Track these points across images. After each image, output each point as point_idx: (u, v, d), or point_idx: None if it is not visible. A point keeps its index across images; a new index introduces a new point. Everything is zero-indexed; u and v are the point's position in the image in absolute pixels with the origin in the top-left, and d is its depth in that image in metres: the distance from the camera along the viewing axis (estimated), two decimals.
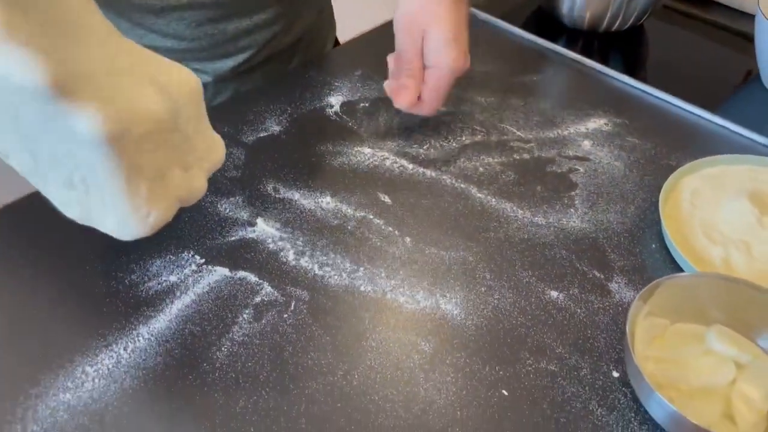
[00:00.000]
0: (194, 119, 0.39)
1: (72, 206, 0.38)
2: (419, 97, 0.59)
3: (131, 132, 0.34)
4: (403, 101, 0.59)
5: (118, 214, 0.37)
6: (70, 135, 0.33)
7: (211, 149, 0.41)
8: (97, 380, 0.44)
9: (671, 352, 0.42)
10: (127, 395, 0.43)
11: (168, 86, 0.36)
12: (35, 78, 0.31)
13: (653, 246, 0.53)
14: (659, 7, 0.78)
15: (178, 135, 0.38)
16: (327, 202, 0.56)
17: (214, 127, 0.42)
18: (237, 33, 0.70)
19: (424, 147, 0.62)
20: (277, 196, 0.57)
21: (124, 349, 0.45)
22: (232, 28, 0.69)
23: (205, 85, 0.70)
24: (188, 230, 0.53)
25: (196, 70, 0.68)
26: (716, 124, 0.66)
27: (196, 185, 0.40)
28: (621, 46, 0.78)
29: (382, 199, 0.57)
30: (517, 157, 0.61)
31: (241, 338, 0.46)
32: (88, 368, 0.44)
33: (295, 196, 0.57)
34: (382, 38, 0.77)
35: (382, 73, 0.61)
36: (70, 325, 0.47)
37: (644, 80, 0.70)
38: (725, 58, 0.75)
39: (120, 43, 0.35)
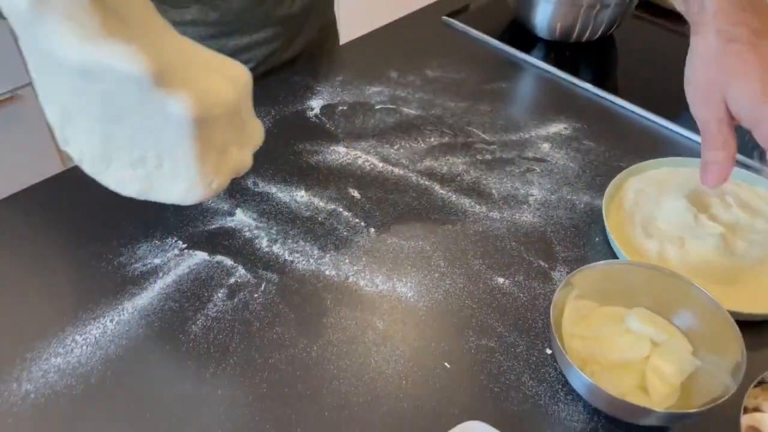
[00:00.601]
0: (246, 106, 0.46)
1: (131, 184, 0.44)
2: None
3: (210, 114, 0.41)
4: (711, 180, 0.50)
5: (188, 182, 0.43)
6: (160, 116, 0.39)
7: (255, 132, 0.48)
8: (85, 347, 0.49)
9: (595, 330, 0.47)
10: (110, 361, 0.48)
11: (230, 77, 0.43)
12: (140, 68, 0.37)
13: (596, 239, 0.58)
14: (628, 18, 0.83)
15: (238, 118, 0.44)
16: (301, 195, 0.61)
17: None
18: (236, 49, 0.75)
19: (395, 147, 0.67)
20: (255, 189, 0.62)
21: (110, 321, 0.51)
22: (231, 44, 0.74)
23: None
24: (173, 218, 0.59)
25: None
26: (671, 130, 0.70)
27: (246, 161, 0.47)
28: (591, 55, 0.83)
29: (352, 193, 0.62)
30: (480, 158, 0.66)
31: (215, 314, 0.51)
32: (77, 337, 0.50)
33: (273, 189, 0.62)
34: (362, 47, 0.83)
35: (362, 79, 0.66)
36: (63, 299, 0.52)
37: (609, 88, 0.75)
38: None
39: (181, 39, 0.42)
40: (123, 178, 0.44)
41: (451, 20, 0.86)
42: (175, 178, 0.43)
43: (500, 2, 0.88)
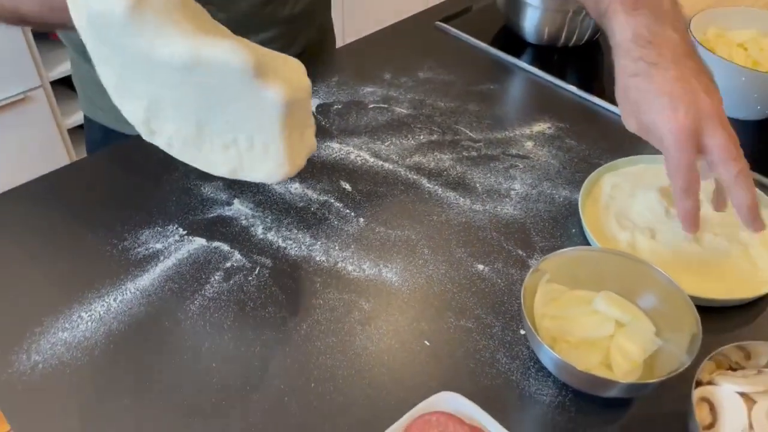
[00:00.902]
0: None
1: (222, 165, 0.49)
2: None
3: (295, 98, 0.46)
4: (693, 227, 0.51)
5: (276, 161, 0.48)
6: (256, 102, 0.44)
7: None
8: (90, 323, 0.53)
9: (564, 311, 0.50)
10: (113, 336, 0.52)
11: (292, 67, 0.49)
12: (245, 61, 0.42)
13: (573, 231, 0.61)
14: None
15: (308, 103, 0.50)
16: (295, 187, 0.65)
17: None
18: None
19: (386, 144, 0.71)
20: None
21: (114, 300, 0.54)
22: None
23: None
24: (175, 207, 0.62)
25: None
26: None
27: (314, 142, 0.52)
28: (577, 59, 0.86)
29: (344, 186, 0.65)
30: (466, 155, 0.70)
31: (212, 295, 0.55)
32: (83, 314, 0.53)
33: None
34: (358, 50, 0.86)
35: (356, 79, 0.70)
36: (70, 280, 0.56)
37: (592, 90, 0.79)
38: None
39: (241, 38, 0.47)
40: (214, 160, 0.48)
41: (444, 25, 0.90)
42: (265, 158, 0.48)
43: (491, 9, 0.92)
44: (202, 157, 0.48)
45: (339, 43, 0.97)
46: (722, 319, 0.54)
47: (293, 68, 0.48)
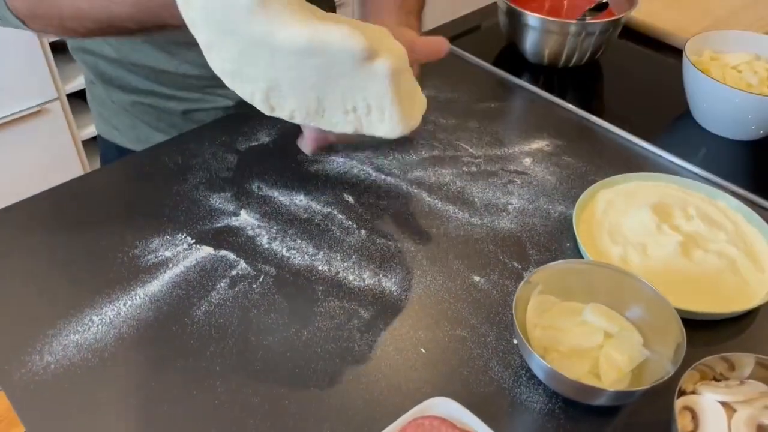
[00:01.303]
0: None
1: (345, 125, 0.53)
2: None
3: (400, 67, 0.51)
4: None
5: (392, 123, 0.53)
6: (368, 75, 0.49)
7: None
8: (100, 326, 0.55)
9: (555, 322, 0.52)
10: (123, 339, 0.54)
11: (387, 34, 0.54)
12: (360, 45, 0.47)
13: (567, 245, 0.63)
14: (612, 44, 0.88)
15: (411, 71, 0.55)
16: (300, 199, 0.68)
17: (215, 137, 0.54)
18: None
19: (389, 158, 0.73)
20: (259, 193, 0.68)
21: (124, 304, 0.57)
22: None
23: (227, 108, 0.82)
24: (184, 217, 0.65)
25: (222, 96, 0.81)
26: (645, 149, 0.76)
27: (424, 99, 0.57)
28: (577, 79, 0.89)
29: (347, 199, 0.68)
30: (466, 170, 0.72)
31: (217, 301, 0.57)
32: (94, 317, 0.56)
33: (275, 193, 0.68)
34: None
35: None
36: (83, 285, 0.59)
37: (591, 109, 0.81)
38: (668, 93, 0.85)
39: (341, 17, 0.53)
40: (337, 122, 0.53)
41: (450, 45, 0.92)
42: (382, 120, 0.53)
43: (495, 29, 0.94)
44: (325, 121, 0.53)
45: None
46: (711, 333, 0.55)
47: (385, 35, 0.54)
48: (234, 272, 0.60)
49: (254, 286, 0.59)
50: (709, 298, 0.56)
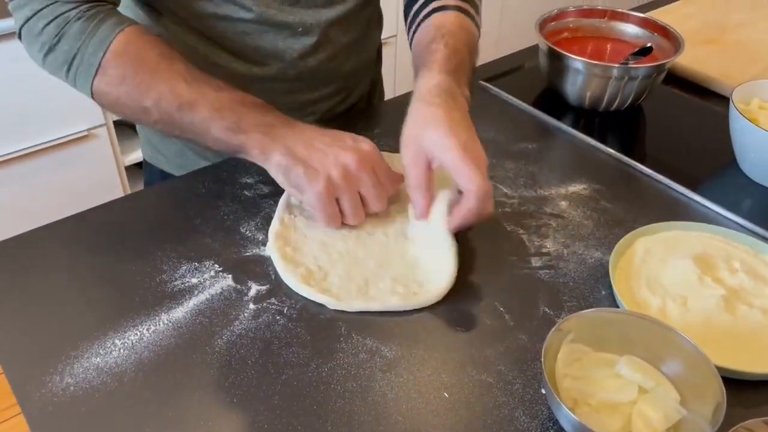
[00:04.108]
0: None
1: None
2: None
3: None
4: (417, 213, 0.64)
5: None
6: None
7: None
8: (122, 350, 0.55)
9: (586, 372, 0.50)
10: (143, 364, 0.54)
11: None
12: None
13: (603, 293, 0.61)
14: (655, 89, 0.87)
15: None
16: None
17: (250, 166, 0.54)
18: (306, 102, 0.83)
19: None
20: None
21: (147, 329, 0.57)
22: (302, 98, 0.82)
23: None
24: (213, 245, 0.65)
25: None
26: (687, 197, 0.73)
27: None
28: (618, 123, 0.87)
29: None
30: (500, 210, 0.71)
31: (240, 331, 0.57)
32: (117, 341, 0.55)
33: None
34: (401, 104, 0.89)
35: (399, 130, 0.71)
36: (109, 307, 0.59)
37: (631, 154, 0.79)
38: (713, 141, 0.83)
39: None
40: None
41: (488, 85, 0.92)
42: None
43: (535, 70, 0.93)
44: None
45: (389, 95, 1.00)
46: (752, 393, 0.52)
47: None
48: (258, 303, 0.59)
49: (278, 317, 0.58)
50: (752, 357, 0.53)
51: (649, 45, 0.88)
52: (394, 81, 2.07)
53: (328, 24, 0.77)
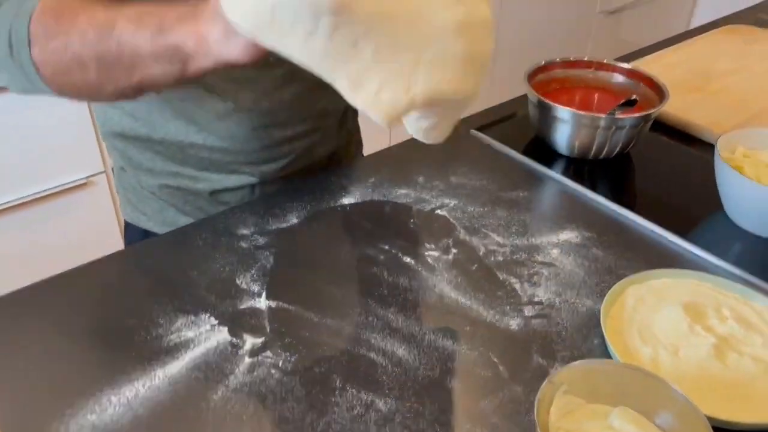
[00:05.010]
0: None
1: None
2: None
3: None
4: None
5: None
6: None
7: None
8: (117, 407, 0.55)
9: (579, 425, 0.50)
10: (139, 421, 0.54)
11: None
12: None
13: (595, 342, 0.62)
14: (643, 137, 0.89)
15: None
16: (326, 284, 0.68)
17: (245, 217, 0.55)
18: (282, 140, 0.84)
19: (415, 244, 0.73)
20: (285, 276, 0.69)
21: (143, 385, 0.57)
22: (278, 135, 0.84)
23: (251, 186, 0.85)
24: (209, 297, 0.66)
25: (245, 173, 0.83)
26: (677, 244, 0.74)
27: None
28: (607, 171, 0.89)
29: (371, 286, 0.68)
30: (492, 259, 0.72)
31: (235, 386, 0.57)
32: (112, 397, 0.56)
33: (301, 277, 0.68)
34: (394, 154, 0.91)
35: (392, 181, 0.73)
36: (103, 363, 0.59)
37: (622, 202, 0.80)
38: (700, 187, 0.84)
39: None
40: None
41: (479, 134, 0.94)
42: None
43: (525, 119, 0.96)
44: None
45: (385, 142, 1.02)
46: None
47: None
48: (254, 357, 0.60)
49: (273, 371, 0.58)
50: (743, 406, 0.54)
51: (634, 97, 0.90)
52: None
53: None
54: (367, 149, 1.04)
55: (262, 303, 0.65)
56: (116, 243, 1.73)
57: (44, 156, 1.55)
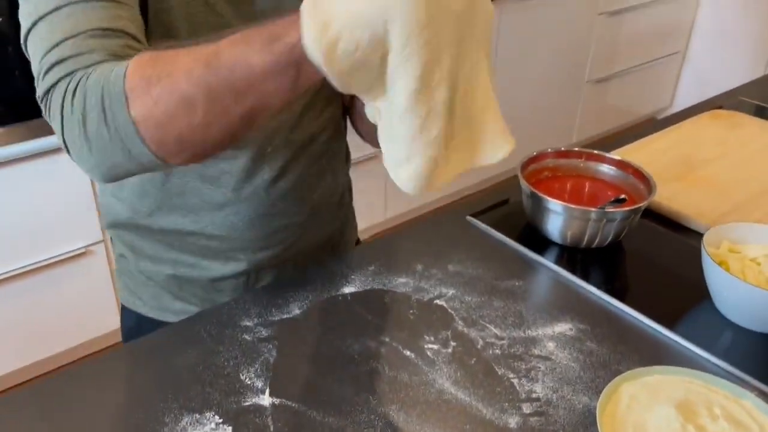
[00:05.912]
0: None
1: None
2: None
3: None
4: None
5: None
6: None
7: None
8: None
9: None
10: None
11: None
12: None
13: None
14: (634, 227, 0.92)
15: None
16: (329, 377, 0.69)
17: (248, 309, 0.57)
18: (276, 229, 0.87)
19: (416, 336, 0.75)
20: (290, 370, 0.70)
21: None
22: (275, 223, 0.87)
23: (246, 273, 0.87)
24: (214, 394, 0.67)
25: (239, 260, 0.85)
26: (669, 337, 0.77)
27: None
28: (600, 260, 0.92)
29: (374, 379, 0.69)
30: (490, 352, 0.74)
31: None
32: None
33: (305, 370, 0.70)
34: (393, 241, 0.94)
35: (392, 270, 0.76)
36: None
37: (614, 293, 0.83)
38: (689, 277, 0.87)
39: None
40: None
41: (474, 220, 0.97)
42: None
43: (519, 205, 0.99)
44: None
45: (386, 215, 1.04)
46: None
47: None
48: None
49: None
50: None
51: (623, 197, 0.94)
52: (385, 207, 2.14)
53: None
54: (361, 225, 1.07)
55: (266, 400, 0.67)
56: (112, 317, 1.74)
57: (39, 226, 1.57)
